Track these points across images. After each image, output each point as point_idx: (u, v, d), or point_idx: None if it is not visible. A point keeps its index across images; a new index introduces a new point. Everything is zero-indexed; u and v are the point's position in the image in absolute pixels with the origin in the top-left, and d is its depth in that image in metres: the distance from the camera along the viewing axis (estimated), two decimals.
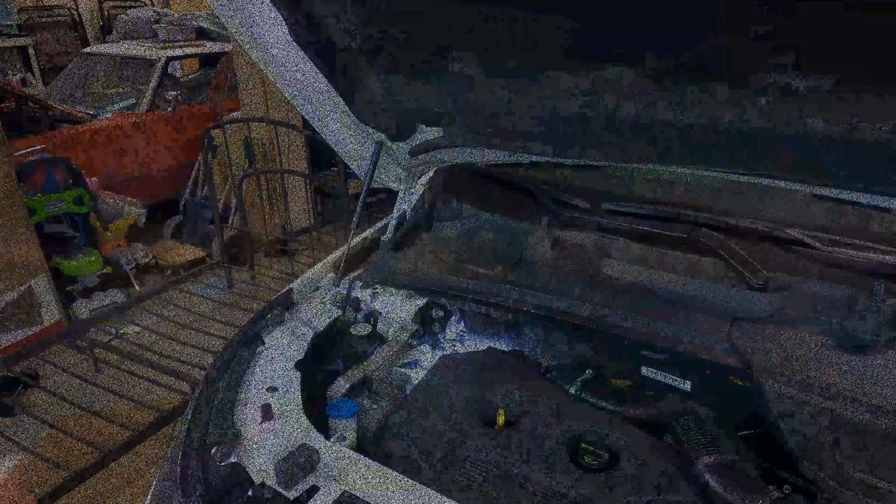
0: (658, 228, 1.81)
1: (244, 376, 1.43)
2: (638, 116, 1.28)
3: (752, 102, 1.15)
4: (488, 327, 1.82)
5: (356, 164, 1.98)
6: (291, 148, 4.90)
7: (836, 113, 1.09)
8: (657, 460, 1.23)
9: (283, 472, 1.11)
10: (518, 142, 1.64)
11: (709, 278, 1.65)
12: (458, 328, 1.88)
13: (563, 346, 1.73)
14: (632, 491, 1.17)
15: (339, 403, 1.38)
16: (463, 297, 1.70)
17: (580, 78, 1.29)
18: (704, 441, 1.18)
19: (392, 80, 1.56)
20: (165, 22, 6.40)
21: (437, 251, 1.94)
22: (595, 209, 2.02)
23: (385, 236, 2.06)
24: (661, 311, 1.56)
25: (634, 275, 1.73)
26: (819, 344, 1.45)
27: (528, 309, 1.62)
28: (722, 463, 1.14)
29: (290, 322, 1.64)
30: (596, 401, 1.45)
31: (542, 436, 1.31)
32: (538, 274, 1.78)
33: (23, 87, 7.01)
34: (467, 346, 1.86)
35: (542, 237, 1.87)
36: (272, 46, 1.50)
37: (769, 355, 1.39)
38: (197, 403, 1.36)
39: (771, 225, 1.77)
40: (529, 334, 1.77)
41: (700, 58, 1.13)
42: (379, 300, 1.77)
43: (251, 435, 1.23)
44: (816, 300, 1.53)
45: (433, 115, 1.61)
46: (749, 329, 1.51)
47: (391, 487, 1.10)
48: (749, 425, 1.32)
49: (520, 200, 2.10)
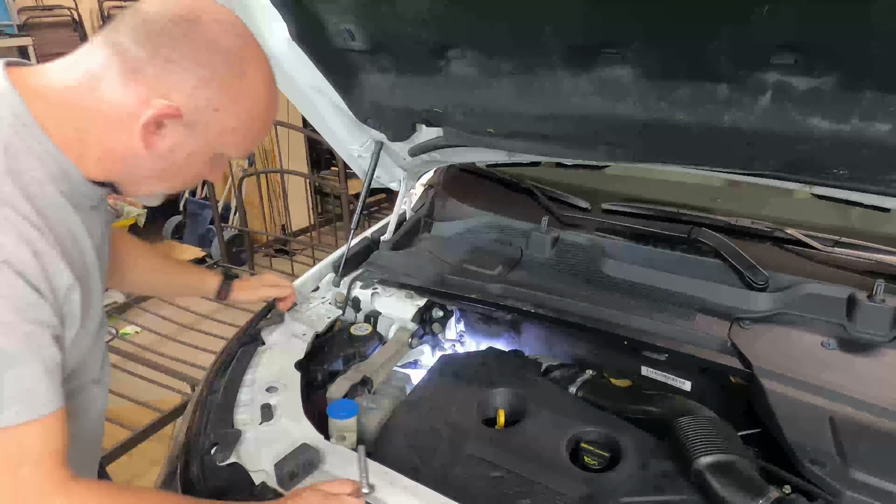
0: (658, 228, 1.81)
1: (244, 376, 1.43)
2: (638, 116, 1.28)
3: (752, 102, 1.15)
4: (488, 327, 1.83)
5: (356, 164, 1.98)
6: (291, 148, 4.90)
7: (836, 113, 1.09)
8: (657, 460, 1.23)
9: (283, 472, 1.11)
10: (518, 142, 1.63)
11: (709, 278, 1.65)
12: (458, 328, 1.89)
13: (563, 346, 1.73)
14: (632, 491, 1.17)
15: (339, 403, 1.38)
16: (463, 297, 1.70)
17: (580, 78, 1.29)
18: (704, 441, 1.18)
19: (392, 80, 1.56)
20: None
21: (437, 251, 1.94)
22: (595, 209, 2.02)
23: (385, 236, 2.06)
24: (661, 311, 1.56)
25: (634, 275, 1.73)
26: (819, 344, 1.45)
27: (528, 309, 1.62)
28: (722, 463, 1.14)
29: (290, 322, 1.64)
30: (596, 401, 1.45)
31: (542, 436, 1.32)
32: (538, 274, 1.78)
33: None
34: (467, 346, 1.86)
35: (542, 237, 1.87)
36: (272, 46, 1.50)
37: (769, 355, 1.39)
38: (197, 403, 1.36)
39: (771, 225, 1.77)
40: (529, 334, 1.77)
41: (700, 57, 1.13)
42: (379, 300, 1.77)
43: (251, 435, 1.23)
44: (816, 300, 1.53)
45: (433, 115, 1.61)
46: (749, 329, 1.51)
47: (391, 487, 1.10)
48: (749, 425, 1.32)
49: (520, 200, 2.10)
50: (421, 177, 2.25)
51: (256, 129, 0.93)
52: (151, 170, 0.90)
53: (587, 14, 1.11)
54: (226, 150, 0.92)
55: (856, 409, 1.25)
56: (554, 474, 1.21)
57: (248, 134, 0.92)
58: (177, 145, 0.87)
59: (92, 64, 0.83)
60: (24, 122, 0.81)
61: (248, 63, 0.87)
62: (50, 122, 0.83)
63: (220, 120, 0.87)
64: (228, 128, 0.89)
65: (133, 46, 0.81)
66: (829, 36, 0.97)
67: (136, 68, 0.81)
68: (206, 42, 0.83)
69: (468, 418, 1.38)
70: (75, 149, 0.85)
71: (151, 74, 0.82)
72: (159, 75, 0.82)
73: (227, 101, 0.86)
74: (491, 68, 1.38)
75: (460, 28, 1.30)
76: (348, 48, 1.45)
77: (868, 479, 1.09)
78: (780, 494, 1.09)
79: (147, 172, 0.91)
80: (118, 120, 0.83)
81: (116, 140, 0.85)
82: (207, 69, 0.83)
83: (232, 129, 0.89)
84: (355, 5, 1.33)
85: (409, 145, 1.87)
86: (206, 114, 0.85)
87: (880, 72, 1.01)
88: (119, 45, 0.82)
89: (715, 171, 1.57)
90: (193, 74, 0.82)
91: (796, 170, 1.31)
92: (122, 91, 0.82)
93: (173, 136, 0.86)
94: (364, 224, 3.73)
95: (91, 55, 0.84)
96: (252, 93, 0.89)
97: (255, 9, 1.41)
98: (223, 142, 0.90)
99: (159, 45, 0.81)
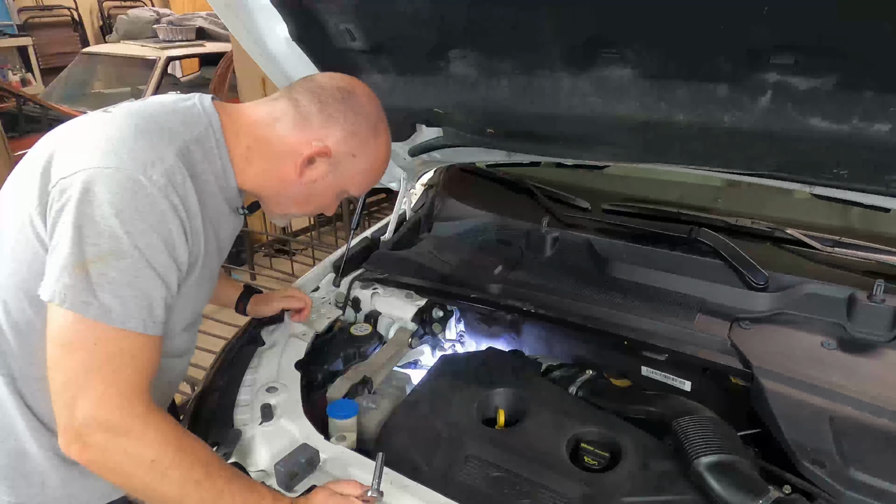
0: (658, 228, 1.81)
1: (244, 376, 1.43)
2: (638, 116, 1.28)
3: (751, 102, 1.15)
4: (488, 327, 1.83)
5: None
6: None
7: (836, 113, 1.09)
8: (657, 460, 1.23)
9: (283, 472, 1.11)
10: (518, 142, 1.64)
11: (709, 278, 1.65)
12: (458, 328, 1.89)
13: (563, 346, 1.73)
14: (632, 491, 1.17)
15: (339, 403, 1.38)
16: (463, 297, 1.70)
17: (580, 78, 1.29)
18: (704, 441, 1.18)
19: (392, 80, 1.56)
20: (165, 22, 6.40)
21: (437, 251, 1.94)
22: (595, 209, 2.02)
23: (385, 236, 2.06)
24: (661, 311, 1.56)
25: (634, 275, 1.73)
26: (819, 344, 1.45)
27: (528, 309, 1.62)
28: (722, 463, 1.14)
29: (290, 322, 1.64)
30: (596, 401, 1.45)
31: (542, 436, 1.32)
32: (538, 274, 1.78)
33: (23, 87, 7.02)
34: (467, 346, 1.86)
35: (542, 237, 1.87)
36: (272, 46, 1.50)
37: (769, 355, 1.39)
38: (197, 403, 1.36)
39: (771, 225, 1.77)
40: (529, 334, 1.77)
41: (700, 57, 1.13)
42: (379, 300, 1.77)
43: (251, 435, 1.23)
44: (816, 300, 1.53)
45: (433, 115, 1.61)
46: (749, 329, 1.51)
47: (391, 488, 1.10)
48: (749, 425, 1.32)
49: (520, 200, 2.10)
50: (421, 177, 2.25)
51: (375, 175, 1.21)
52: (295, 193, 1.16)
53: (587, 14, 1.11)
54: (351, 188, 1.19)
55: (856, 409, 1.25)
56: (554, 474, 1.21)
57: (370, 177, 1.20)
58: (320, 177, 1.14)
59: (273, 109, 1.12)
60: (215, 130, 1.08)
61: (380, 128, 1.17)
62: (231, 137, 1.09)
63: (355, 164, 1.15)
64: (359, 171, 1.16)
65: (306, 102, 1.10)
66: (829, 36, 0.97)
67: (306, 117, 1.10)
68: (357, 108, 1.12)
69: (468, 418, 1.38)
70: (241, 162, 1.11)
71: (316, 124, 1.10)
72: (322, 125, 1.10)
73: (362, 151, 1.14)
74: (491, 68, 1.38)
75: (460, 28, 1.30)
76: (348, 48, 1.45)
77: (868, 479, 1.09)
78: (780, 494, 1.09)
79: (291, 195, 1.16)
80: (284, 151, 1.10)
81: (277, 165, 1.12)
82: (354, 126, 1.11)
83: (360, 171, 1.17)
84: (355, 5, 1.33)
85: (409, 145, 1.87)
86: (347, 158, 1.13)
87: (880, 72, 1.01)
88: (296, 100, 1.11)
89: (715, 171, 1.57)
90: (344, 128, 1.11)
91: (796, 170, 1.31)
92: (292, 131, 1.10)
93: (319, 170, 1.13)
94: (364, 224, 3.74)
95: (274, 103, 1.13)
96: (380, 149, 1.18)
97: (255, 9, 1.41)
98: (351, 181, 1.18)
99: (325, 105, 1.10)
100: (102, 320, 0.91)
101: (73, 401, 0.90)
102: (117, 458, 0.92)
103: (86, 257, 0.90)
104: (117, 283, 0.92)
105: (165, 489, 0.93)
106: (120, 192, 0.92)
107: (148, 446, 0.92)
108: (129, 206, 0.92)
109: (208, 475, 0.96)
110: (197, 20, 6.38)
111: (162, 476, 0.92)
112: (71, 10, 8.67)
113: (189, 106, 1.08)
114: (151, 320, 0.96)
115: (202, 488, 0.95)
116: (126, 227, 0.92)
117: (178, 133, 1.02)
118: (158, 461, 0.92)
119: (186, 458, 0.95)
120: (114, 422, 0.91)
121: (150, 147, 0.97)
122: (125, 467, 0.93)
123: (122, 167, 0.93)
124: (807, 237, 1.71)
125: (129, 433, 0.92)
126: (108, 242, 0.91)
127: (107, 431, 0.91)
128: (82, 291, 0.90)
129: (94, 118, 1.04)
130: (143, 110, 1.05)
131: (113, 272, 0.91)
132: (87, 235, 0.91)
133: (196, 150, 1.04)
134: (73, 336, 0.91)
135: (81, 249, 0.90)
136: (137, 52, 5.81)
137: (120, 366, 0.93)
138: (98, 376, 0.91)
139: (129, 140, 0.97)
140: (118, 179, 0.92)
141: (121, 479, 0.95)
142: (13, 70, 7.68)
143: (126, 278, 0.92)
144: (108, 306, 0.91)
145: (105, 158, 0.94)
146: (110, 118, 1.03)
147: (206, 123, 1.07)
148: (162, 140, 0.99)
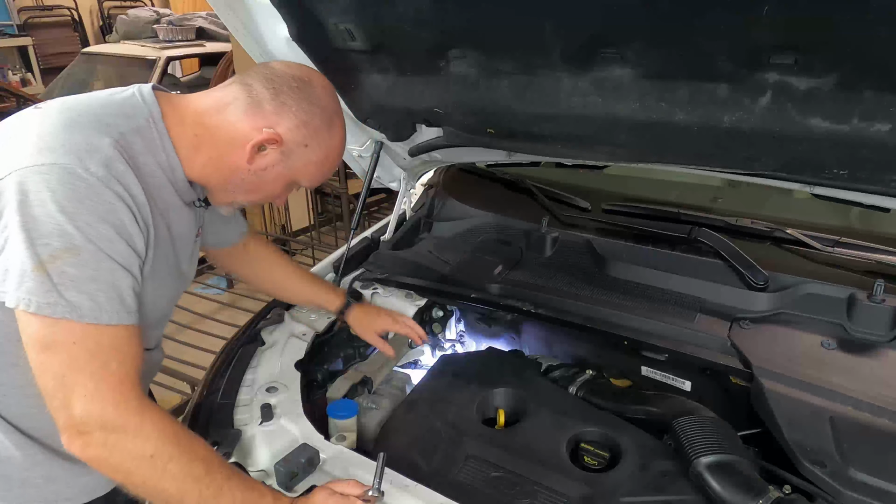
0: (658, 228, 1.81)
1: (244, 376, 1.43)
2: (638, 116, 1.28)
3: (751, 102, 1.15)
4: (488, 327, 1.83)
5: (356, 164, 1.98)
6: None
7: (836, 113, 1.09)
8: (657, 460, 1.23)
9: (284, 471, 1.11)
10: (518, 142, 1.63)
11: (709, 278, 1.65)
12: (458, 328, 1.89)
13: (563, 346, 1.73)
14: (632, 491, 1.17)
15: (339, 403, 1.38)
16: (463, 297, 1.70)
17: (580, 78, 1.29)
18: (704, 441, 1.18)
19: (392, 80, 1.56)
20: (165, 22, 6.40)
21: (437, 251, 1.94)
22: (595, 209, 2.02)
23: (385, 236, 2.06)
24: (661, 311, 1.56)
25: (634, 275, 1.73)
26: (819, 344, 1.45)
27: (528, 309, 1.62)
28: (722, 463, 1.14)
29: (290, 322, 1.64)
30: (596, 401, 1.45)
31: (542, 436, 1.32)
32: (538, 274, 1.78)
33: (22, 87, 7.01)
34: (467, 346, 1.86)
35: (542, 237, 1.87)
36: (272, 46, 1.50)
37: (769, 355, 1.39)
38: (197, 403, 1.36)
39: (771, 225, 1.77)
40: (529, 334, 1.77)
41: (700, 57, 1.13)
42: (379, 300, 1.77)
43: (251, 435, 1.23)
44: (816, 300, 1.53)
45: (433, 115, 1.61)
46: (749, 329, 1.51)
47: (391, 487, 1.10)
48: (749, 425, 1.32)
49: (520, 200, 2.10)
50: (421, 177, 2.25)
51: (328, 168, 1.18)
52: (243, 181, 1.12)
53: (587, 14, 1.11)
54: (302, 179, 1.16)
55: (856, 409, 1.25)
56: (554, 474, 1.21)
57: (322, 169, 1.17)
58: (270, 166, 1.10)
59: (225, 94, 1.09)
60: (156, 120, 1.05)
61: (335, 121, 1.14)
62: (175, 126, 1.06)
63: (307, 155, 1.12)
64: (311, 162, 1.13)
65: (259, 87, 1.07)
66: (829, 36, 0.97)
67: (258, 102, 1.06)
68: (312, 98, 1.09)
69: (468, 418, 1.38)
70: (188, 151, 1.08)
71: (269, 110, 1.06)
72: (274, 111, 1.06)
73: (315, 142, 1.11)
74: (491, 68, 1.38)
75: (460, 28, 1.30)
76: (348, 48, 1.45)
77: (868, 479, 1.09)
78: (780, 494, 1.09)
79: (239, 183, 1.13)
80: (233, 137, 1.07)
81: (226, 152, 1.08)
82: (308, 116, 1.08)
83: (312, 163, 1.13)
84: (355, 5, 1.33)
85: (409, 145, 1.87)
86: (298, 147, 1.10)
87: (880, 72, 1.01)
88: (249, 85, 1.08)
89: (715, 171, 1.57)
90: (297, 117, 1.08)
91: (796, 170, 1.31)
92: (243, 117, 1.06)
93: (269, 158, 1.09)
94: (364, 224, 3.73)
95: (225, 88, 1.09)
96: (333, 141, 1.15)
97: (255, 9, 1.41)
98: (303, 172, 1.14)
99: (279, 92, 1.07)
100: (74, 318, 0.90)
101: (67, 401, 0.90)
102: (118, 454, 0.92)
103: (41, 258, 0.89)
104: (79, 279, 0.90)
105: (166, 485, 0.94)
106: (59, 187, 0.90)
107: (146, 441, 0.93)
108: (72, 200, 0.90)
109: (208, 471, 0.96)
110: (197, 20, 6.37)
111: (162, 471, 0.93)
112: (71, 10, 8.67)
113: (127, 97, 1.06)
114: (125, 310, 0.95)
115: (202, 484, 0.95)
116: (74, 222, 0.90)
117: (113, 125, 0.99)
118: (158, 455, 0.93)
119: (185, 454, 0.95)
120: (110, 417, 0.91)
121: (84, 139, 0.95)
122: (126, 464, 0.93)
123: (58, 162, 0.91)
124: (807, 237, 1.71)
125: (127, 428, 0.92)
126: (59, 240, 0.89)
127: (104, 428, 0.91)
128: (47, 293, 0.89)
129: (25, 116, 1.02)
130: (75, 104, 1.02)
131: (72, 269, 0.90)
132: (36, 236, 0.89)
133: (135, 140, 1.01)
134: (51, 339, 0.90)
135: (35, 251, 0.88)
136: (137, 52, 5.80)
137: (105, 361, 0.92)
138: (85, 374, 0.91)
139: (61, 134, 0.95)
140: (56, 175, 0.90)
141: (122, 476, 0.95)
142: (13, 70, 7.67)
143: (87, 273, 0.91)
144: (75, 304, 0.90)
145: (39, 156, 0.92)
146: (41, 114, 1.00)
147: (146, 114, 1.04)
148: (97, 131, 0.97)
